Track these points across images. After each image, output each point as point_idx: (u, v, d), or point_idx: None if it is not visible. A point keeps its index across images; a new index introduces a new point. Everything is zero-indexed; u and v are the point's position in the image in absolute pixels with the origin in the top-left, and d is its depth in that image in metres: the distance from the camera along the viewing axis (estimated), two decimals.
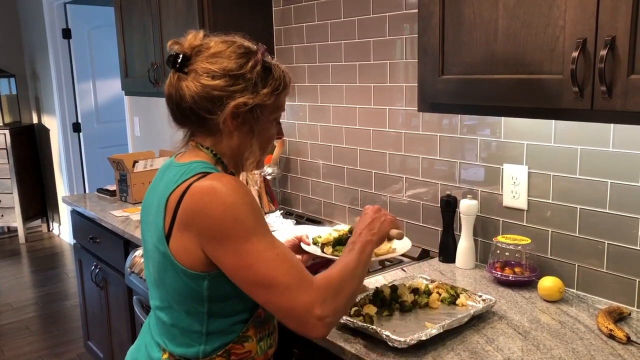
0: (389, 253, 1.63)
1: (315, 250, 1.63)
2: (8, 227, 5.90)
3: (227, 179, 1.11)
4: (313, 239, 1.70)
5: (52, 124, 5.58)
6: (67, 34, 5.23)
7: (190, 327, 1.18)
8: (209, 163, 1.18)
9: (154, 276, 1.21)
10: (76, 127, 5.42)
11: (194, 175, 1.12)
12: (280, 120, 1.29)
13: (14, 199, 5.50)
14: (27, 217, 5.67)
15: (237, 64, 1.15)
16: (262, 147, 1.24)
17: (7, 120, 5.60)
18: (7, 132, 5.40)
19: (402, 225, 1.29)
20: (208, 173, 1.13)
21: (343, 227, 1.82)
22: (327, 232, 1.76)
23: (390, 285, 1.59)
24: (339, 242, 1.68)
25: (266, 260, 1.07)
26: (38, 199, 5.92)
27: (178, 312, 1.18)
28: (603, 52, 1.13)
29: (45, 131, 5.77)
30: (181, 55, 1.16)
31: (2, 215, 5.56)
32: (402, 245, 1.64)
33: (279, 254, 1.09)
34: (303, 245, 1.61)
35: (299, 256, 1.53)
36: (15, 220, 5.55)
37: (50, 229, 6.07)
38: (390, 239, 1.35)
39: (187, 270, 1.12)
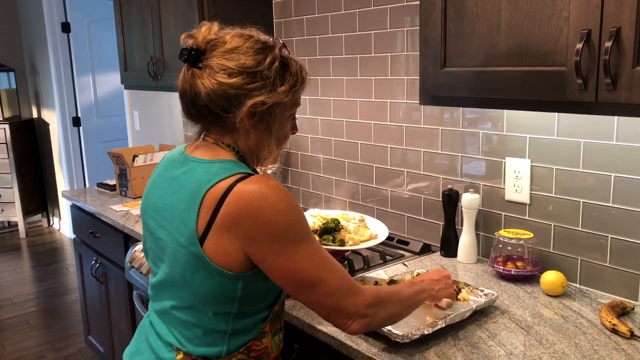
0: (371, 239, 1.73)
1: None
2: (8, 222, 5.89)
3: (274, 183, 1.10)
4: None
5: (52, 118, 5.57)
6: (66, 27, 5.20)
7: (214, 327, 1.16)
8: (238, 162, 1.16)
9: (175, 276, 1.17)
10: (76, 122, 5.41)
11: (232, 176, 1.09)
12: (296, 116, 1.28)
13: (14, 194, 5.49)
14: (27, 212, 5.66)
15: (255, 61, 1.11)
16: (279, 144, 1.23)
17: (7, 114, 5.58)
18: (6, 126, 5.38)
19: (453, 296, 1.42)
20: (247, 174, 1.11)
21: (319, 212, 1.82)
22: (309, 220, 1.77)
23: (388, 280, 1.58)
24: (326, 230, 1.68)
25: (317, 263, 1.09)
26: (38, 193, 5.91)
27: (202, 313, 1.16)
28: (608, 44, 1.11)
29: (45, 125, 5.76)
30: (195, 50, 1.12)
31: (3, 210, 5.55)
32: (383, 232, 1.78)
33: (327, 257, 1.12)
34: None
35: None
36: (16, 214, 5.55)
37: (51, 224, 6.06)
38: (438, 305, 1.41)
39: (224, 271, 1.10)
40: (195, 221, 1.09)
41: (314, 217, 1.79)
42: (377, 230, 1.80)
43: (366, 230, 1.77)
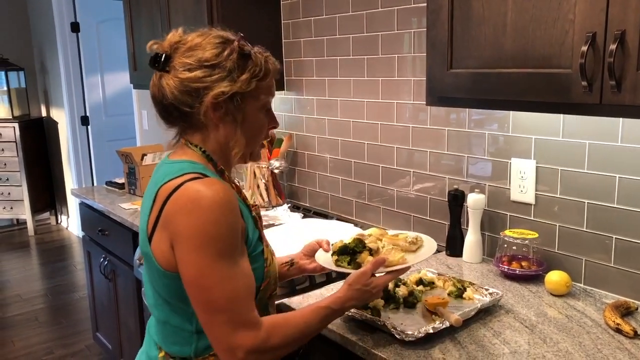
0: (396, 264, 1.39)
1: (328, 262, 1.45)
2: (17, 220, 5.94)
3: (218, 188, 1.07)
4: (333, 245, 1.49)
5: (61, 117, 5.61)
6: (75, 27, 5.25)
7: (181, 325, 1.17)
8: (198, 162, 1.16)
9: (146, 275, 1.20)
10: (84, 121, 5.45)
11: (182, 176, 1.10)
12: (279, 111, 1.27)
13: (23, 192, 5.54)
14: (35, 210, 5.71)
15: (213, 54, 1.13)
16: (251, 138, 1.20)
17: (16, 113, 5.63)
18: (16, 125, 5.43)
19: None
20: (201, 175, 1.10)
21: (374, 231, 1.57)
22: (350, 237, 1.53)
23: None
24: (344, 250, 1.45)
25: (223, 289, 1.05)
26: (47, 191, 5.96)
27: (168, 311, 1.17)
28: (613, 47, 1.13)
29: (54, 124, 5.80)
30: (161, 55, 1.15)
31: (12, 208, 5.60)
32: (414, 256, 1.43)
33: (237, 287, 1.07)
34: (318, 253, 1.47)
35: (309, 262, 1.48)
36: (25, 212, 5.60)
37: (59, 222, 6.11)
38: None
39: (164, 270, 1.11)
40: (147, 221, 1.12)
41: (365, 237, 1.50)
42: (415, 256, 1.45)
43: (397, 253, 1.43)
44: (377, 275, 1.31)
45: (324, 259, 1.45)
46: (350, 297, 1.23)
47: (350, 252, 1.44)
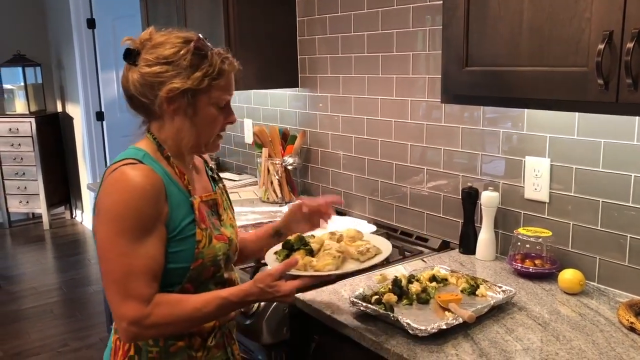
0: (316, 270, 1.35)
1: (270, 253, 1.46)
2: (33, 214, 6.02)
3: (140, 174, 1.19)
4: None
5: (76, 112, 5.67)
6: (91, 24, 5.30)
7: None
8: (143, 149, 1.26)
9: None
10: (99, 116, 5.50)
11: (122, 160, 1.22)
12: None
13: (39, 186, 5.61)
14: (51, 204, 5.78)
15: (171, 52, 1.23)
16: (202, 130, 1.28)
17: (33, 108, 5.70)
18: (32, 120, 5.50)
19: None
20: (136, 161, 1.22)
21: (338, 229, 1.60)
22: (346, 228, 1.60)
23: (408, 276, 1.61)
24: (286, 245, 1.43)
25: (119, 263, 1.18)
26: (62, 186, 6.03)
27: None
28: (630, 45, 1.13)
29: (70, 120, 5.86)
30: (131, 50, 1.25)
31: (28, 202, 5.68)
32: (355, 265, 1.40)
33: (133, 264, 1.17)
34: (271, 251, 1.50)
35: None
36: (40, 206, 5.66)
37: (74, 216, 6.18)
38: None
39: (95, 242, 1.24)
40: (94, 202, 1.26)
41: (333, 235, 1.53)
42: (356, 265, 1.41)
43: (326, 259, 1.37)
44: (303, 276, 1.32)
45: (273, 250, 1.49)
46: (252, 293, 1.27)
47: (290, 248, 1.43)
